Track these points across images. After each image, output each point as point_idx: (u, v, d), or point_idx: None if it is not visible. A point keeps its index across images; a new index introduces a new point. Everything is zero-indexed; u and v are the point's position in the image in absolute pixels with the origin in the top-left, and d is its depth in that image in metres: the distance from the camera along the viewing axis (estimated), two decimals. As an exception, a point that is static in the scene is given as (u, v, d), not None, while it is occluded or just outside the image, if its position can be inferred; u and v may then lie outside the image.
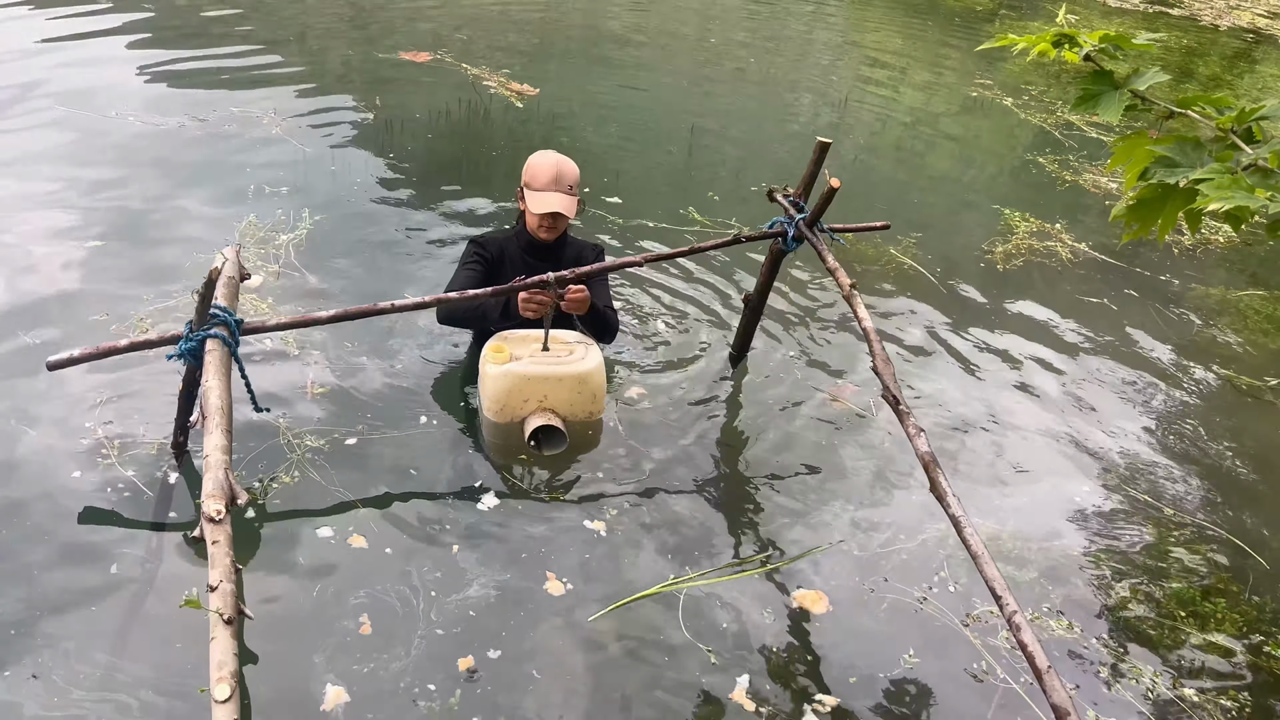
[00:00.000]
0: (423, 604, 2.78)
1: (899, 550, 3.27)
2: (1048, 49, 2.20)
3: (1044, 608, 3.13)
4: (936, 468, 2.60)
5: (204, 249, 4.39)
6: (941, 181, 7.02)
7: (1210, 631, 3.15)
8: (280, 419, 3.39)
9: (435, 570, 2.91)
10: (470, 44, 8.25)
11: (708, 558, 3.12)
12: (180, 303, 3.96)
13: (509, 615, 2.80)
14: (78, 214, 4.63)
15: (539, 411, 3.38)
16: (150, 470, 3.09)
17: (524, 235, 3.68)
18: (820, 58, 9.99)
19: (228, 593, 2.09)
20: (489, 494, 3.24)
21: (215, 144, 5.61)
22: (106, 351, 2.86)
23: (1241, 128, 1.99)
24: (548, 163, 3.53)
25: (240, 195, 5.03)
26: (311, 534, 2.99)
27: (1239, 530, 3.64)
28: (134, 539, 2.87)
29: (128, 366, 3.48)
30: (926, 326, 4.74)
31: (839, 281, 3.29)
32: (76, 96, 5.94)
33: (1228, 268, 6.04)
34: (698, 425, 3.75)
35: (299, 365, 3.73)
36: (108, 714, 2.37)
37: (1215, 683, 2.96)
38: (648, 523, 3.23)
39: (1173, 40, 12.06)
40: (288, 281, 4.29)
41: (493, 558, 2.99)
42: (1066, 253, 5.77)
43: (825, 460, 3.67)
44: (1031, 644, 2.18)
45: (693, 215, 5.54)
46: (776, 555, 3.18)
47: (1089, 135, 7.99)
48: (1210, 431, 4.27)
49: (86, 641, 2.54)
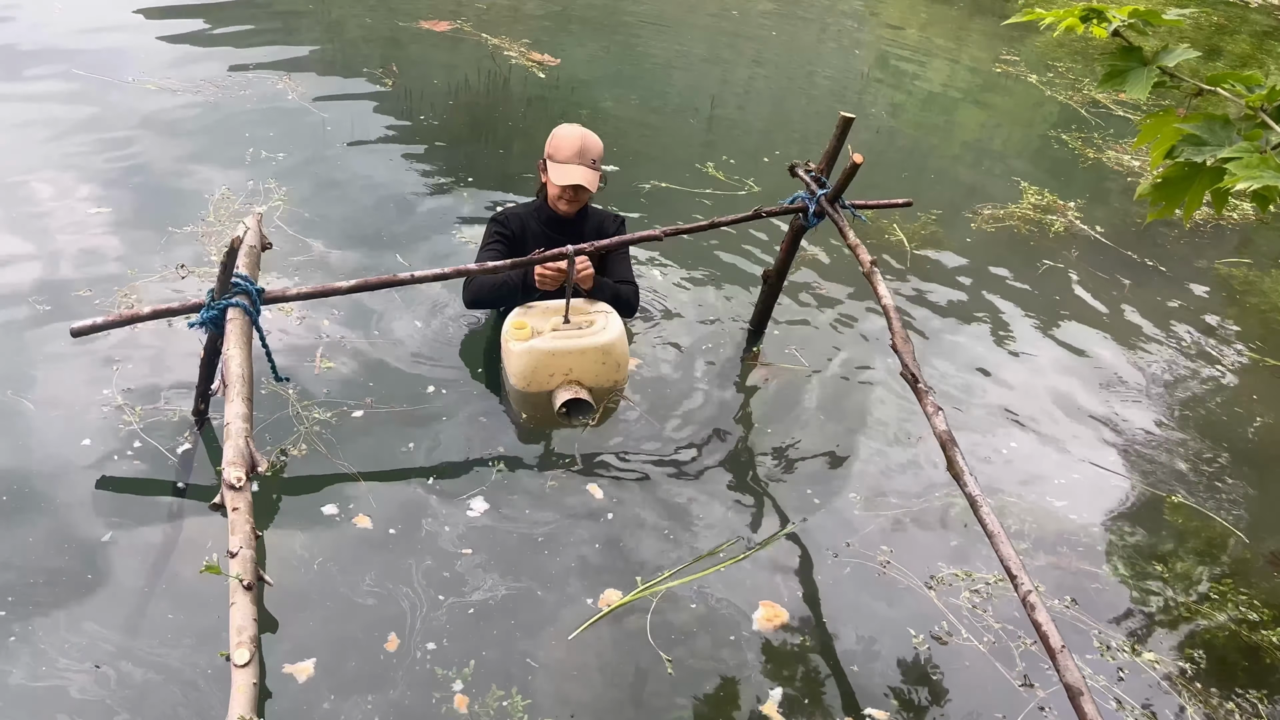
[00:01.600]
0: (420, 595, 2.75)
1: (915, 526, 3.27)
2: (1075, 24, 2.17)
3: (1046, 585, 3.13)
4: (954, 446, 2.59)
5: (183, 219, 4.33)
6: (964, 158, 6.95)
7: (1216, 613, 3.14)
8: (290, 390, 3.39)
9: (435, 560, 2.86)
10: (490, 13, 8.21)
11: (709, 544, 3.08)
12: (160, 278, 3.91)
13: (509, 613, 2.75)
14: (74, 179, 4.58)
15: (566, 385, 3.40)
16: (171, 438, 3.12)
17: (544, 209, 3.67)
18: (844, 30, 9.89)
19: (248, 559, 2.12)
20: (496, 472, 3.22)
21: (226, 110, 5.58)
22: (130, 319, 2.89)
23: (1272, 106, 1.96)
24: (572, 135, 3.52)
25: (238, 162, 4.97)
26: (316, 511, 2.96)
27: (1252, 511, 3.63)
28: (155, 505, 2.90)
29: (149, 334, 3.52)
30: (945, 304, 4.71)
31: (860, 259, 3.27)
32: (95, 62, 5.93)
33: (1249, 246, 5.97)
34: (714, 402, 3.75)
35: (307, 336, 3.72)
36: (128, 677, 2.41)
37: (1216, 664, 2.97)
38: (654, 507, 3.19)
39: (1202, 17, 11.87)
40: (289, 250, 4.25)
41: (494, 546, 2.95)
42: (1090, 230, 5.72)
43: (840, 438, 3.67)
44: (1046, 623, 2.18)
45: (710, 172, 5.51)
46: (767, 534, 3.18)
47: (1115, 114, 7.89)
48: (1228, 412, 4.25)
49: (107, 606, 2.58)
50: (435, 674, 2.53)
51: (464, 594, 2.77)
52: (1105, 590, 3.18)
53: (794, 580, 3.01)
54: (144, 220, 4.32)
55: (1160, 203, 2.08)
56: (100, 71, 5.80)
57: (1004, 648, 2.86)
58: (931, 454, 3.56)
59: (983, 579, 3.09)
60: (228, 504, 2.24)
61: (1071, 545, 3.33)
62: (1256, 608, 3.18)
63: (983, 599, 3.02)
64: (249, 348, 2.72)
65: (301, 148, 5.24)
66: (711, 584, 2.94)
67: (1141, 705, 2.76)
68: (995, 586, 3.06)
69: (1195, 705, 2.80)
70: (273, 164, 5.00)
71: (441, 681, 2.52)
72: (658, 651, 2.68)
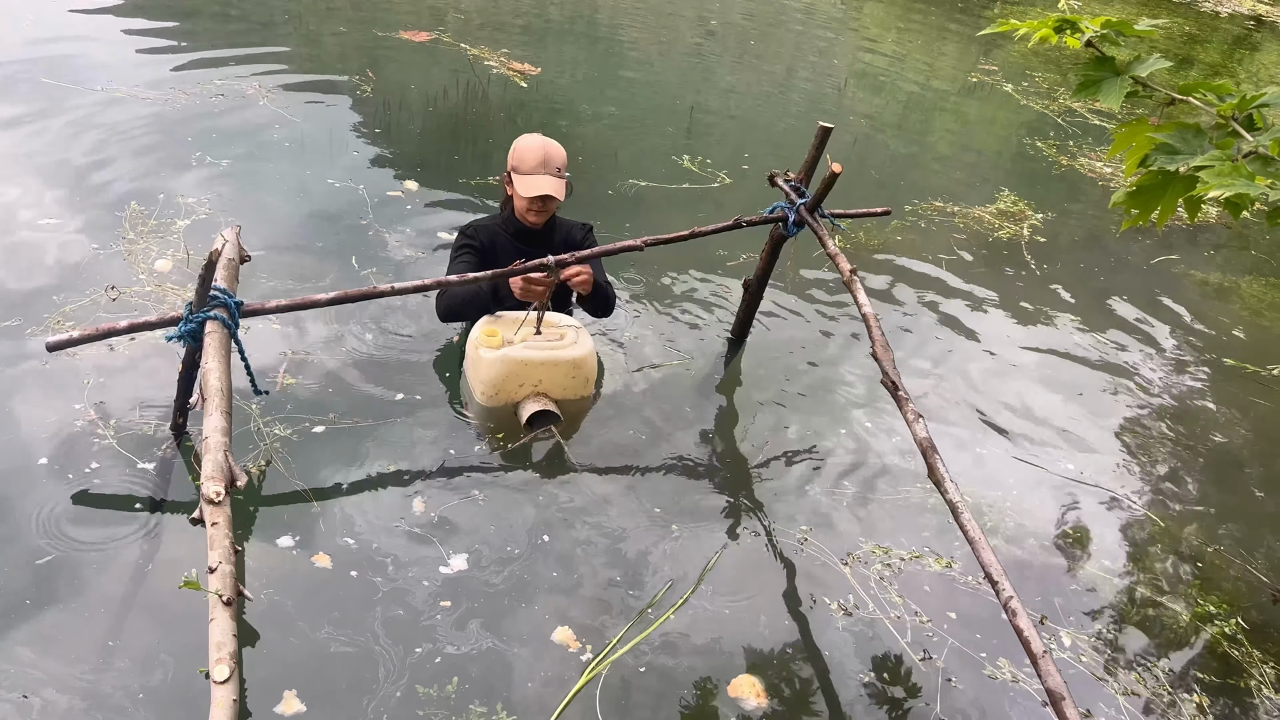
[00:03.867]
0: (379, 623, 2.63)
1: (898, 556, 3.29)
2: (1049, 34, 2.20)
3: (1026, 591, 3.15)
4: (934, 453, 2.60)
5: (113, 237, 4.18)
6: (942, 166, 7.01)
7: (1193, 618, 3.17)
8: (253, 405, 3.28)
9: (395, 601, 2.72)
10: (469, 23, 8.21)
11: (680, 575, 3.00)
12: (92, 300, 3.73)
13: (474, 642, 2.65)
14: (20, 190, 4.49)
15: (534, 396, 3.38)
16: (148, 452, 3.09)
17: (513, 221, 3.66)
18: (821, 41, 9.95)
19: (227, 574, 2.10)
20: (458, 492, 3.12)
21: (199, 119, 5.53)
22: (106, 332, 2.86)
23: (1242, 115, 1.99)
24: (534, 145, 3.52)
25: (182, 168, 4.88)
26: (270, 540, 2.85)
27: (1221, 515, 3.67)
28: (132, 520, 2.87)
29: (125, 347, 3.48)
30: (924, 311, 4.74)
31: (839, 267, 3.29)
32: (66, 69, 5.89)
33: (1225, 252, 6.05)
34: (693, 409, 3.75)
35: (272, 348, 3.63)
36: (107, 695, 2.37)
37: (1188, 665, 2.99)
38: (625, 525, 3.12)
39: (1174, 27, 12.02)
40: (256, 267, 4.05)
41: (463, 593, 2.78)
42: (1063, 236, 5.77)
43: (821, 444, 3.68)
44: (1027, 629, 2.19)
45: (685, 164, 5.51)
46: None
47: (1091, 122, 7.98)
48: (1205, 416, 4.30)
49: (85, 623, 2.54)
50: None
51: (433, 643, 2.64)
52: (1072, 593, 3.20)
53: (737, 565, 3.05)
54: (91, 233, 4.21)
55: (1134, 210, 2.10)
56: (68, 79, 5.76)
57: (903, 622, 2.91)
58: (897, 452, 3.58)
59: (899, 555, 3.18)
60: (206, 519, 2.22)
61: (1038, 548, 3.35)
62: (1222, 610, 3.22)
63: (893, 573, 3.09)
64: (228, 361, 2.70)
65: (274, 159, 5.20)
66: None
67: (1108, 707, 2.79)
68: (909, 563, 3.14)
69: (1160, 707, 2.82)
70: (241, 175, 4.95)
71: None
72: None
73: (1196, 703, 2.85)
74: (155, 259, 4.07)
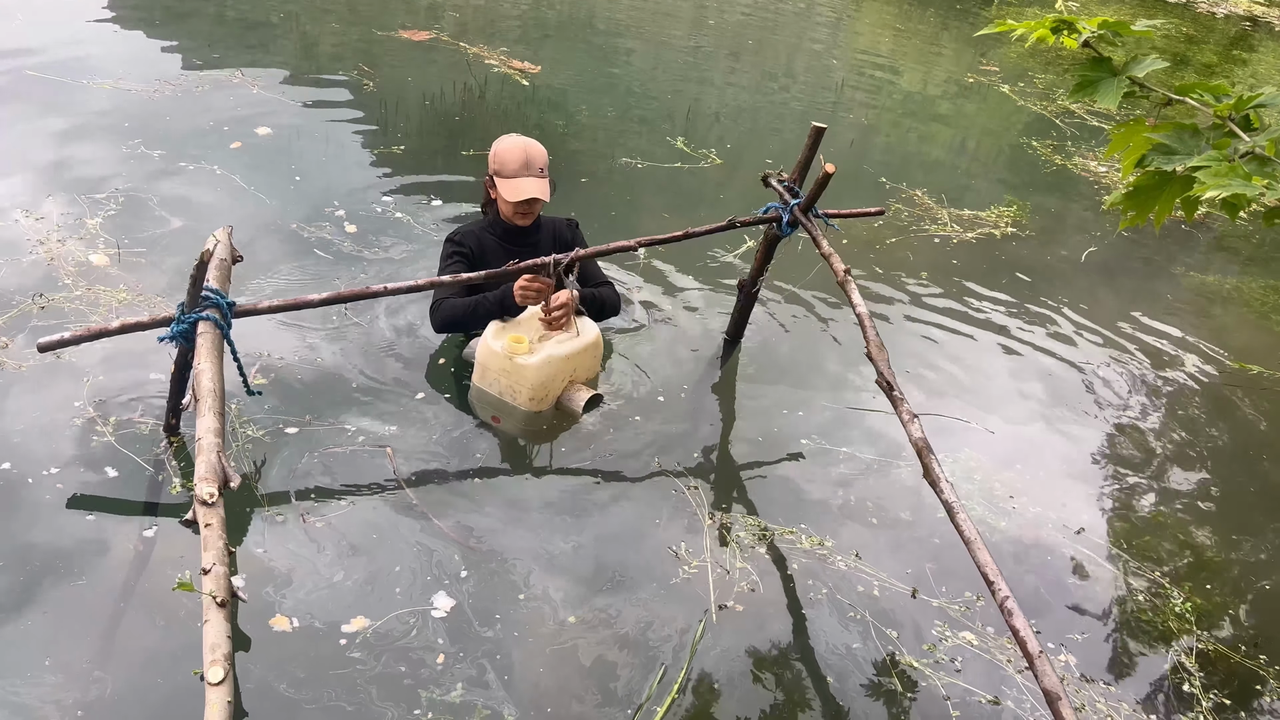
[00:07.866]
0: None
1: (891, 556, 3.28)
2: (1046, 35, 2.19)
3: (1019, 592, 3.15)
4: (930, 454, 2.60)
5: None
6: (938, 166, 7.00)
7: (1187, 623, 3.17)
8: (229, 406, 3.18)
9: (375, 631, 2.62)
10: (467, 22, 8.20)
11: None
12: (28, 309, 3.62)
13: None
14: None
15: (573, 386, 3.51)
16: (142, 453, 3.07)
17: (499, 224, 3.64)
18: (818, 40, 9.95)
19: (221, 575, 2.09)
20: (448, 492, 3.11)
21: (192, 114, 5.52)
22: (98, 333, 2.85)
23: (1239, 115, 1.98)
24: (515, 147, 3.50)
25: (174, 169, 4.84)
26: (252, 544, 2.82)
27: (1229, 514, 3.67)
28: (126, 522, 2.85)
29: (118, 348, 3.46)
30: (919, 311, 4.73)
31: (833, 268, 3.28)
32: (52, 65, 5.88)
33: (1228, 253, 6.05)
34: (689, 410, 3.75)
35: (248, 347, 3.51)
36: (101, 697, 2.36)
37: (1188, 665, 2.99)
38: (620, 531, 3.11)
39: (1172, 28, 12.04)
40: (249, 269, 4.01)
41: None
42: (1063, 238, 5.77)
43: (818, 445, 3.67)
44: (1023, 629, 2.18)
45: (679, 146, 5.49)
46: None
47: (1089, 123, 7.98)
48: (1204, 417, 4.29)
49: (78, 625, 2.53)
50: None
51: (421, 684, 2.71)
52: (1069, 592, 3.20)
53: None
54: (68, 230, 4.18)
55: (1131, 211, 2.10)
56: (58, 74, 5.75)
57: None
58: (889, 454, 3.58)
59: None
60: (200, 520, 2.21)
61: (1034, 548, 3.35)
62: (1222, 610, 3.22)
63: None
64: (220, 361, 2.69)
65: (267, 159, 5.18)
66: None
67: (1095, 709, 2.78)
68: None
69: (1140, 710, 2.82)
70: (241, 175, 4.94)
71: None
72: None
73: (1196, 702, 2.85)
74: (145, 267, 4.06)
